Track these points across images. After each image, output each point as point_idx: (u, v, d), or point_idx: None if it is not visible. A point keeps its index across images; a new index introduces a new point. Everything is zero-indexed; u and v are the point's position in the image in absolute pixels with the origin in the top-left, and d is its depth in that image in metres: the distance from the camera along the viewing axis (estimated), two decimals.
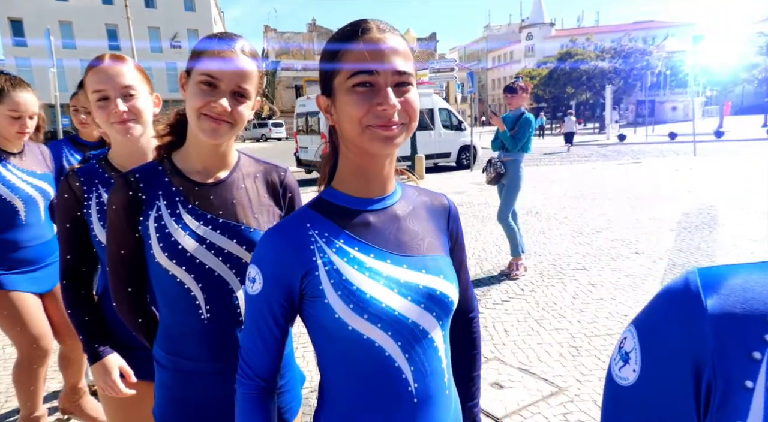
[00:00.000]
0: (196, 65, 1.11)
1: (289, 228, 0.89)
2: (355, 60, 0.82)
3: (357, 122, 0.83)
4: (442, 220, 1.02)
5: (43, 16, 37.53)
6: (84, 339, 1.40)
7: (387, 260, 0.88)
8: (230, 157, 1.25)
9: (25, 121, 2.22)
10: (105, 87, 1.39)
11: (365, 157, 0.89)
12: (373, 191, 0.93)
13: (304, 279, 0.85)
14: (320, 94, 0.92)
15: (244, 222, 1.21)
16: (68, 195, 1.42)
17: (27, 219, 2.35)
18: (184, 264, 1.15)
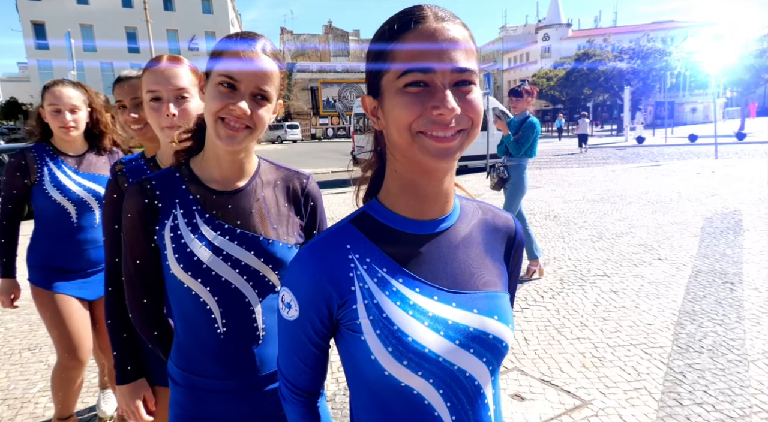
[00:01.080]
0: (215, 66, 1.06)
1: (327, 249, 0.78)
2: (407, 56, 0.70)
3: (406, 128, 0.71)
4: (504, 246, 0.89)
5: (64, 19, 38.20)
6: (117, 356, 1.35)
7: (434, 297, 0.77)
8: (250, 164, 1.20)
9: (65, 115, 2.21)
10: (159, 88, 1.37)
11: (417, 171, 0.76)
12: (427, 212, 0.80)
13: (340, 309, 0.76)
14: (366, 94, 0.80)
15: (262, 233, 1.16)
16: (117, 195, 1.38)
17: (79, 222, 2.31)
18: (200, 277, 1.10)
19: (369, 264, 0.77)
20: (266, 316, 1.16)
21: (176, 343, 1.19)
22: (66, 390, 2.41)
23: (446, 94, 0.69)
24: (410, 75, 0.69)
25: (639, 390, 2.96)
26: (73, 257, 2.33)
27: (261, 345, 1.16)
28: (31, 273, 2.35)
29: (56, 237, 2.31)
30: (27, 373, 3.46)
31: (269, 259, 1.15)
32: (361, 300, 0.75)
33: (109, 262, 1.40)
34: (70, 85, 2.24)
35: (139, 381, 1.35)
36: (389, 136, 0.76)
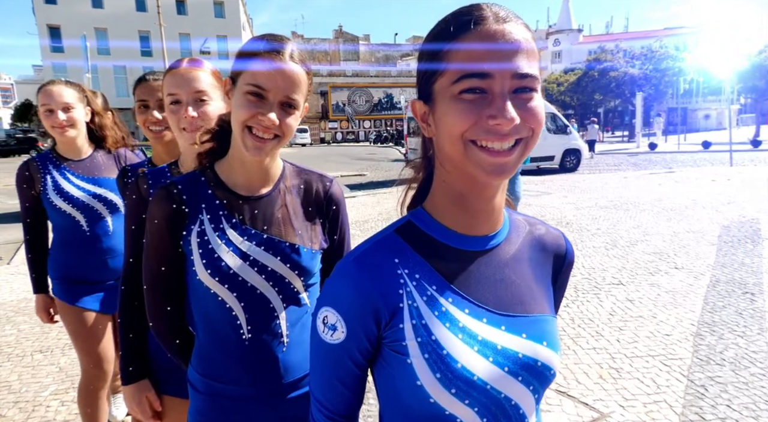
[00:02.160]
0: (242, 73, 1.04)
1: (375, 262, 0.72)
2: (463, 59, 0.64)
3: (458, 137, 0.66)
4: (553, 266, 0.84)
5: (79, 22, 38.65)
6: (123, 356, 1.36)
7: (483, 319, 0.72)
8: (275, 168, 1.18)
9: (57, 114, 2.10)
10: (178, 91, 1.36)
11: (468, 185, 0.71)
12: (477, 227, 0.75)
13: (386, 326, 0.71)
14: (417, 99, 0.75)
15: (287, 238, 1.14)
16: (136, 196, 1.37)
17: (91, 231, 2.20)
18: (227, 283, 1.08)
19: (419, 280, 0.71)
20: (290, 323, 1.14)
21: (198, 350, 1.16)
22: (94, 408, 2.33)
23: (506, 103, 0.63)
24: (466, 81, 0.64)
25: (659, 404, 2.89)
26: (91, 268, 2.24)
27: (285, 352, 1.14)
28: (53, 286, 2.28)
29: (70, 247, 2.23)
30: (39, 376, 3.45)
31: (295, 265, 1.13)
32: (408, 319, 0.69)
33: (126, 261, 1.39)
34: (63, 84, 2.15)
35: (142, 383, 1.35)
36: (440, 144, 0.71)
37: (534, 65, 0.66)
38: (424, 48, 0.72)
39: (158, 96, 1.74)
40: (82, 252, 2.21)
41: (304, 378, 1.16)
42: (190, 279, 1.12)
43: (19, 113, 48.65)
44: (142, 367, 1.36)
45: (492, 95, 0.64)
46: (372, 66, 55.97)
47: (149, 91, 1.76)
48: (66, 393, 3.21)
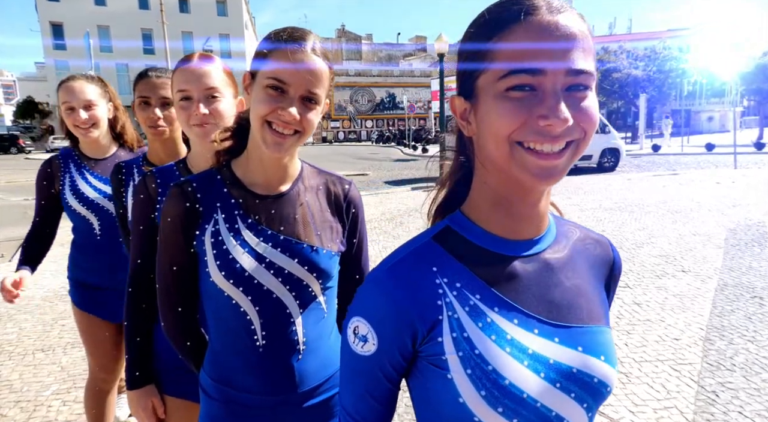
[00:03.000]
0: (263, 67, 0.99)
1: (412, 271, 0.66)
2: (512, 54, 0.59)
3: (504, 138, 0.60)
4: (603, 275, 0.78)
5: (82, 19, 38.67)
6: (129, 360, 1.33)
7: (534, 330, 0.66)
8: (293, 167, 1.14)
9: (78, 113, 2.00)
10: (189, 87, 1.32)
11: (512, 188, 0.66)
12: (521, 231, 0.70)
13: (424, 341, 0.65)
14: (456, 95, 0.69)
15: (306, 240, 1.09)
16: (144, 195, 1.33)
17: (103, 234, 2.09)
18: (242, 285, 1.04)
19: (459, 289, 0.66)
20: (307, 329, 1.10)
21: (211, 354, 1.13)
22: (100, 410, 2.28)
23: (559, 102, 0.58)
24: (515, 77, 0.59)
25: (670, 410, 2.84)
26: (102, 273, 2.13)
27: (301, 360, 1.09)
28: (70, 287, 2.23)
29: (84, 250, 2.16)
30: (40, 375, 3.41)
31: (313, 268, 1.09)
32: (448, 332, 0.64)
33: (132, 262, 1.36)
34: (84, 79, 2.05)
35: (147, 388, 1.33)
36: (482, 144, 0.66)
37: (590, 61, 0.61)
38: (466, 39, 0.67)
39: (160, 93, 1.71)
40: (94, 257, 2.14)
41: (320, 387, 1.12)
42: (203, 281, 1.08)
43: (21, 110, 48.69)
44: (147, 372, 1.34)
45: (543, 93, 0.59)
46: (374, 65, 55.94)
47: (151, 87, 1.72)
48: (68, 392, 3.18)
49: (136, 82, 1.75)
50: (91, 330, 2.17)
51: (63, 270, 5.92)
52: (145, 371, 1.33)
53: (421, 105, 47.28)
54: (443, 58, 13.65)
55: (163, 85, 1.72)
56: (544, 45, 0.58)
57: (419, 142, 30.00)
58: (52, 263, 6.16)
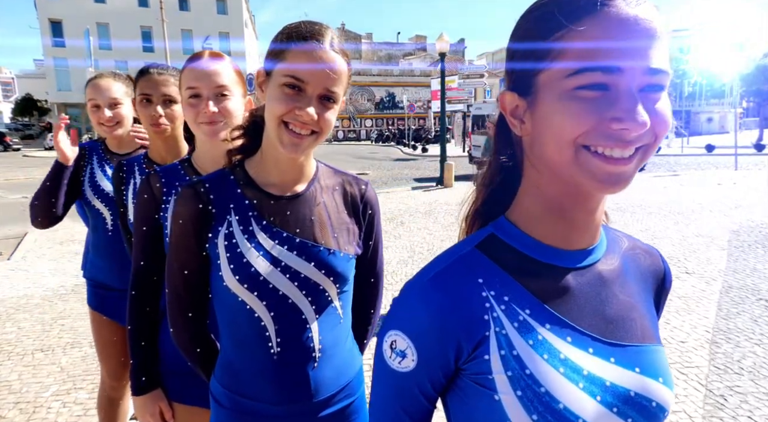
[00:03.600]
0: (279, 64, 0.95)
1: (456, 283, 0.61)
2: (584, 48, 0.53)
3: (569, 142, 0.55)
4: (653, 288, 0.73)
5: (81, 17, 38.55)
6: (134, 365, 1.29)
7: (589, 349, 0.60)
8: (309, 167, 1.10)
9: (103, 111, 1.99)
10: (199, 84, 1.29)
11: (570, 194, 0.61)
12: (575, 240, 0.65)
13: (468, 358, 0.60)
14: (507, 90, 0.64)
15: (322, 242, 1.05)
16: (147, 195, 1.29)
17: (114, 229, 2.03)
18: (256, 290, 1.00)
19: (507, 303, 0.61)
20: (323, 335, 1.06)
21: (223, 362, 1.08)
22: (112, 413, 2.23)
23: (636, 103, 0.52)
24: (587, 75, 0.53)
25: (678, 414, 2.81)
26: (114, 273, 2.05)
27: (317, 368, 1.05)
28: (87, 288, 2.18)
29: (97, 247, 2.11)
30: (39, 375, 3.37)
31: (330, 271, 1.04)
32: (496, 349, 0.59)
33: (135, 264, 1.32)
34: (111, 77, 2.04)
35: (154, 393, 1.29)
36: (539, 146, 0.60)
37: (667, 59, 0.55)
38: (526, 31, 0.60)
39: (162, 90, 1.67)
40: (105, 254, 2.09)
41: (336, 395, 1.08)
42: (216, 285, 1.04)
43: (20, 107, 48.57)
44: (153, 377, 1.30)
45: (617, 93, 0.53)
46: (374, 65, 55.87)
47: (152, 84, 1.68)
48: (68, 394, 3.13)
49: (137, 79, 1.71)
50: (101, 333, 2.12)
51: (62, 269, 5.89)
52: (151, 376, 1.30)
53: (421, 104, 47.21)
54: (444, 57, 13.58)
55: (164, 82, 1.68)
56: (623, 40, 0.52)
57: (419, 141, 29.95)
58: (51, 261, 6.13)
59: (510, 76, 0.64)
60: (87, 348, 3.75)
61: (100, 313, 2.10)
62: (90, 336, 3.93)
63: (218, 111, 1.29)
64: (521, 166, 0.67)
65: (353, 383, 1.13)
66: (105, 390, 2.20)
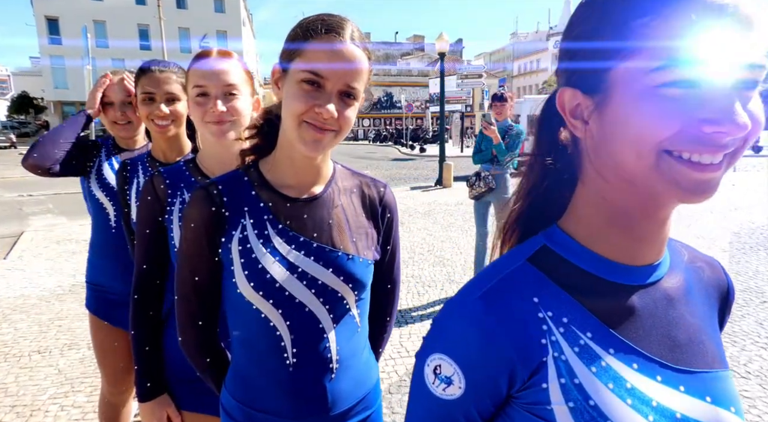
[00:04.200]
0: (297, 59, 0.90)
1: (507, 302, 0.55)
2: (672, 40, 0.46)
3: (652, 146, 0.48)
4: (717, 304, 0.67)
5: (78, 14, 38.35)
6: (138, 371, 1.26)
7: (657, 377, 0.55)
8: (326, 168, 1.05)
9: (116, 109, 1.96)
10: (207, 83, 1.25)
11: (643, 203, 0.55)
12: (641, 255, 0.58)
13: (524, 385, 0.55)
14: (565, 86, 0.57)
15: (341, 247, 1.00)
16: (151, 197, 1.26)
17: (118, 227, 1.97)
18: (272, 297, 0.95)
19: (567, 326, 0.55)
20: (341, 345, 1.01)
21: (235, 373, 1.03)
22: (113, 420, 2.17)
23: (733, 102, 0.46)
24: (675, 70, 0.46)
25: None
26: (116, 275, 1.98)
27: (334, 379, 1.00)
28: (86, 292, 2.11)
29: (99, 247, 2.05)
30: (36, 378, 3.31)
31: (349, 278, 1.00)
32: (555, 377, 0.53)
33: (138, 268, 1.29)
34: (123, 76, 1.99)
35: (160, 398, 1.26)
36: (608, 150, 0.53)
37: (765, 50, 0.48)
38: (598, 17, 0.52)
39: (165, 88, 1.63)
40: (107, 254, 2.03)
41: (353, 408, 1.03)
42: (229, 292, 0.99)
43: (16, 105, 48.31)
44: (159, 382, 1.27)
45: (710, 91, 0.46)
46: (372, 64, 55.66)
47: (155, 82, 1.64)
48: (65, 397, 3.08)
49: (139, 77, 1.67)
50: (101, 338, 2.06)
51: (59, 268, 5.82)
52: (156, 381, 1.26)
53: (419, 104, 47.21)
54: (444, 57, 13.54)
55: (167, 79, 1.64)
56: (717, 29, 0.45)
57: (417, 141, 29.92)
58: (48, 261, 6.06)
59: (568, 71, 0.57)
60: (85, 349, 3.70)
61: (100, 318, 2.04)
62: (88, 338, 3.88)
63: (226, 110, 1.25)
64: (578, 170, 0.61)
65: (371, 395, 1.08)
66: (105, 397, 2.14)
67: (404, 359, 3.48)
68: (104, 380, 2.12)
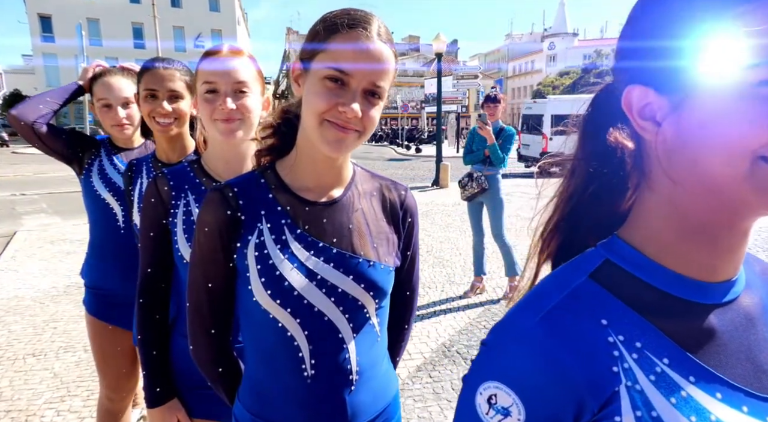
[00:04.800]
0: (320, 55, 0.86)
1: (572, 324, 0.49)
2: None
3: (746, 153, 0.43)
4: None
5: (71, 13, 38.08)
6: (147, 376, 1.24)
7: (743, 407, 0.49)
8: (347, 170, 1.01)
9: (116, 111, 1.89)
10: (217, 80, 1.21)
11: (724, 212, 0.49)
12: (719, 270, 0.53)
13: (593, 418, 0.48)
14: (632, 84, 0.51)
15: (361, 253, 0.96)
16: (155, 199, 1.22)
17: (126, 226, 1.92)
18: (290, 306, 0.90)
19: (641, 351, 0.49)
20: (360, 355, 0.97)
21: (249, 384, 0.99)
22: None
23: None
24: None
25: None
26: (124, 276, 1.90)
27: (354, 391, 0.96)
28: (85, 294, 2.05)
29: (102, 247, 1.98)
30: (32, 382, 3.24)
31: (370, 286, 0.95)
32: (630, 410, 0.47)
33: (142, 271, 1.26)
34: (120, 75, 1.93)
35: (171, 403, 1.23)
36: (688, 156, 0.48)
37: None
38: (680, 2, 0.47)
39: (168, 85, 1.59)
40: (114, 255, 1.96)
41: None
42: (244, 300, 0.94)
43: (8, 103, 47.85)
44: (169, 386, 1.24)
45: None
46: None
47: (159, 79, 1.59)
48: (62, 401, 3.01)
49: (142, 74, 1.62)
50: (103, 343, 2.00)
51: (53, 269, 5.74)
52: (165, 386, 1.23)
53: (414, 104, 47.18)
54: (441, 57, 13.53)
55: (170, 77, 1.60)
56: None
57: (412, 141, 29.89)
58: (42, 261, 5.97)
59: (634, 67, 0.52)
60: (81, 352, 3.63)
61: (102, 320, 1.98)
62: (84, 341, 3.82)
63: (236, 108, 1.21)
64: (643, 177, 0.55)
65: (390, 408, 1.04)
66: (104, 403, 2.08)
67: (406, 362, 3.44)
68: (104, 385, 2.06)
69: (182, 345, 1.25)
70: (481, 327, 4.09)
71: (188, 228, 1.22)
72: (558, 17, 74.80)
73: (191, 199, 1.24)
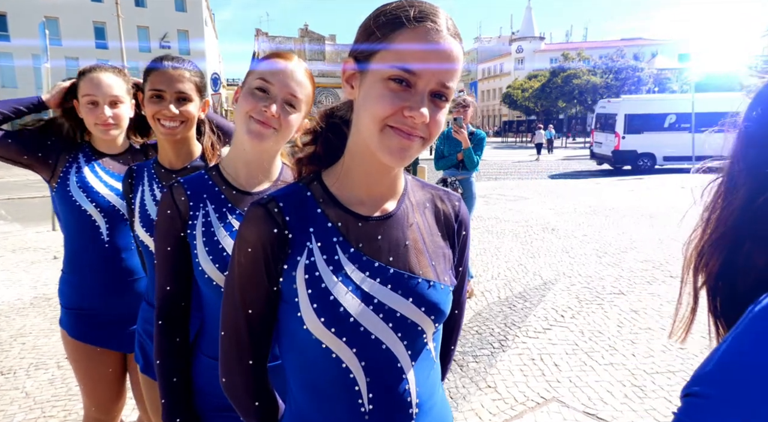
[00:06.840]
0: (380, 53, 0.75)
1: None
2: None
3: None
4: None
5: (28, 11, 36.60)
6: (166, 405, 1.13)
7: None
8: (401, 181, 0.90)
9: (103, 109, 1.71)
10: (275, 83, 1.12)
11: None
12: None
13: None
14: None
15: (420, 272, 0.86)
16: (171, 211, 1.12)
17: (111, 240, 1.76)
18: (346, 335, 0.80)
19: None
20: (420, 386, 0.86)
21: (296, 420, 0.87)
22: None
23: None
24: None
25: None
26: (108, 293, 1.77)
27: None
28: (61, 315, 1.85)
29: (83, 264, 1.79)
30: (2, 403, 3.01)
31: (431, 308, 0.85)
32: None
33: (160, 289, 1.15)
34: (111, 71, 1.76)
35: None
36: None
37: None
38: None
39: (177, 87, 1.47)
40: (97, 270, 1.77)
41: None
42: (291, 328, 0.83)
43: None
44: (191, 415, 1.14)
45: None
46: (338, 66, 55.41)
47: (167, 80, 1.46)
48: None
49: (148, 73, 1.48)
50: (89, 366, 1.82)
51: (17, 279, 5.41)
52: (187, 415, 1.13)
53: None
54: None
55: (179, 77, 1.47)
56: None
57: None
58: (4, 272, 5.63)
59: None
60: (54, 369, 3.40)
61: (89, 344, 1.80)
62: (56, 357, 3.58)
63: (277, 117, 1.12)
64: None
65: None
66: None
67: None
68: (93, 408, 1.89)
69: (205, 363, 1.14)
70: (474, 332, 4.04)
71: (209, 241, 1.11)
72: (525, 21, 76.10)
73: (210, 209, 1.14)
